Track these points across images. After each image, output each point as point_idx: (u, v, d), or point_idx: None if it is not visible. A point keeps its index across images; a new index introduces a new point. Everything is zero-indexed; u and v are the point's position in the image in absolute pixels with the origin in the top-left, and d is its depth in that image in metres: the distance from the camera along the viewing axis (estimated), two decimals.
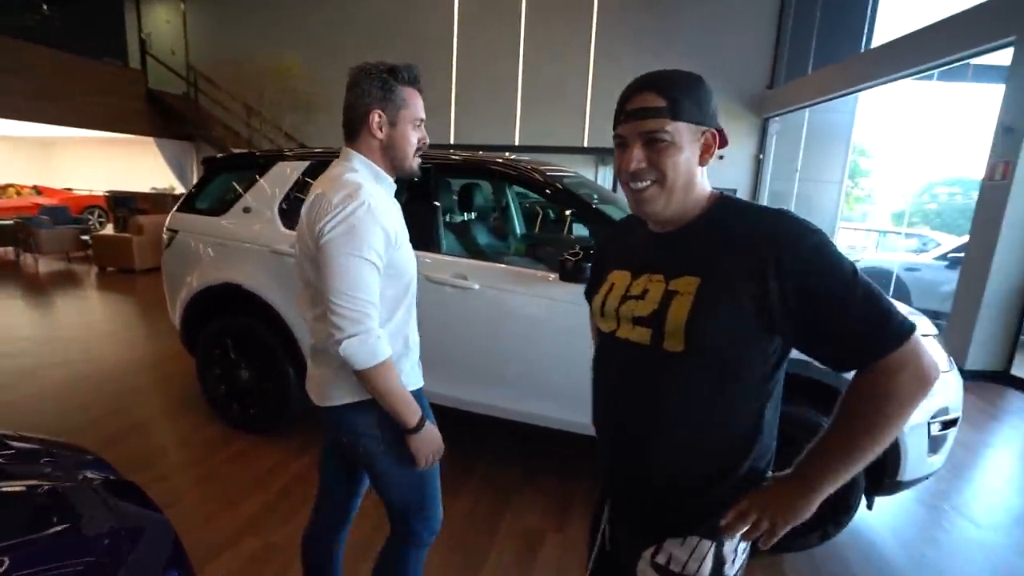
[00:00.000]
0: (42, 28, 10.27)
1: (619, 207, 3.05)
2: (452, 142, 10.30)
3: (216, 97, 10.33)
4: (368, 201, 1.08)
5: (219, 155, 3.23)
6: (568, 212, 3.81)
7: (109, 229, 8.91)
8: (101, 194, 11.44)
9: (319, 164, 2.71)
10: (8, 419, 2.79)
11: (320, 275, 1.09)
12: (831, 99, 6.84)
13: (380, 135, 1.16)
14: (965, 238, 5.22)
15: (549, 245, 3.37)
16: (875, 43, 6.62)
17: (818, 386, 1.83)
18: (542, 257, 2.93)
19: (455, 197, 3.06)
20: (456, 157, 2.51)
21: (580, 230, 3.85)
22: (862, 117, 8.78)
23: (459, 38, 9.95)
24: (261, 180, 2.73)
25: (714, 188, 0.84)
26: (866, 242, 11.32)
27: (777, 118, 8.28)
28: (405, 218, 1.23)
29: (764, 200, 8.57)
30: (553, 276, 2.14)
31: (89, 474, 1.27)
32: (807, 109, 7.69)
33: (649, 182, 0.79)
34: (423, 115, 1.20)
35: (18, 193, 10.73)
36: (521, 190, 3.71)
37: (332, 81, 10.62)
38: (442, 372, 2.36)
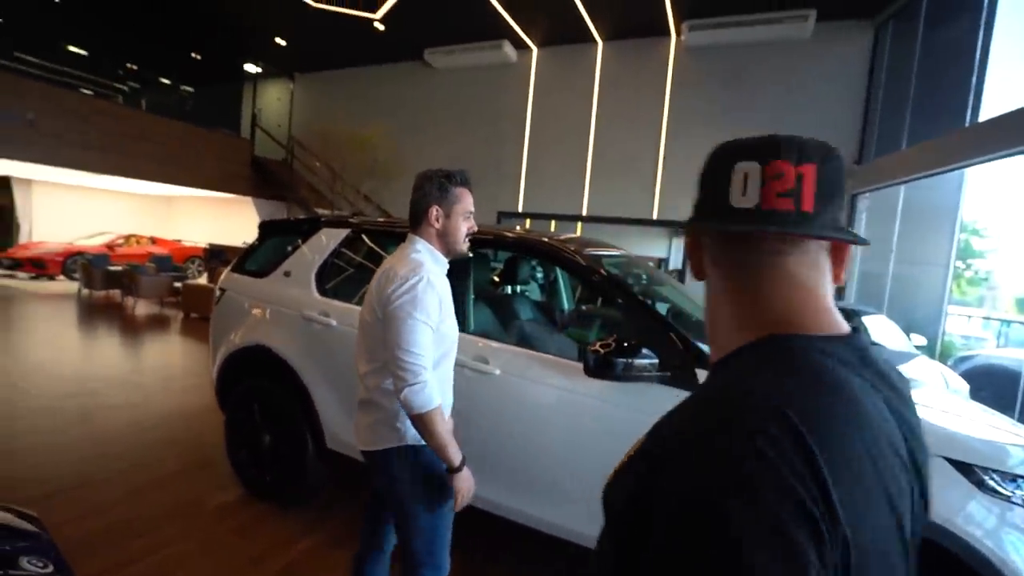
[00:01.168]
0: (177, 105, 12.03)
1: (673, 296, 2.78)
2: (520, 211, 10.49)
3: (308, 163, 11.37)
4: (428, 276, 1.36)
5: (273, 219, 3.37)
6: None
7: (204, 279, 9.74)
8: (201, 246, 12.69)
9: (356, 234, 2.72)
10: (48, 463, 2.87)
11: (386, 334, 1.34)
12: (930, 175, 6.21)
13: (437, 225, 1.45)
14: None
15: (595, 326, 3.11)
16: (982, 117, 6.00)
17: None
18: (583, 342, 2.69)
19: (495, 271, 2.95)
20: (485, 232, 2.40)
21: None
22: (972, 194, 7.89)
23: (533, 111, 10.35)
24: (303, 246, 2.77)
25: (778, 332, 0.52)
26: (984, 332, 9.86)
27: (867, 195, 7.64)
28: None
29: (854, 284, 7.79)
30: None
31: (24, 566, 1.17)
32: (902, 186, 7.04)
33: None
34: (472, 208, 1.50)
35: (138, 242, 12.17)
36: None
37: (410, 151, 11.38)
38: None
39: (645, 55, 9.33)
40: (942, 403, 2.08)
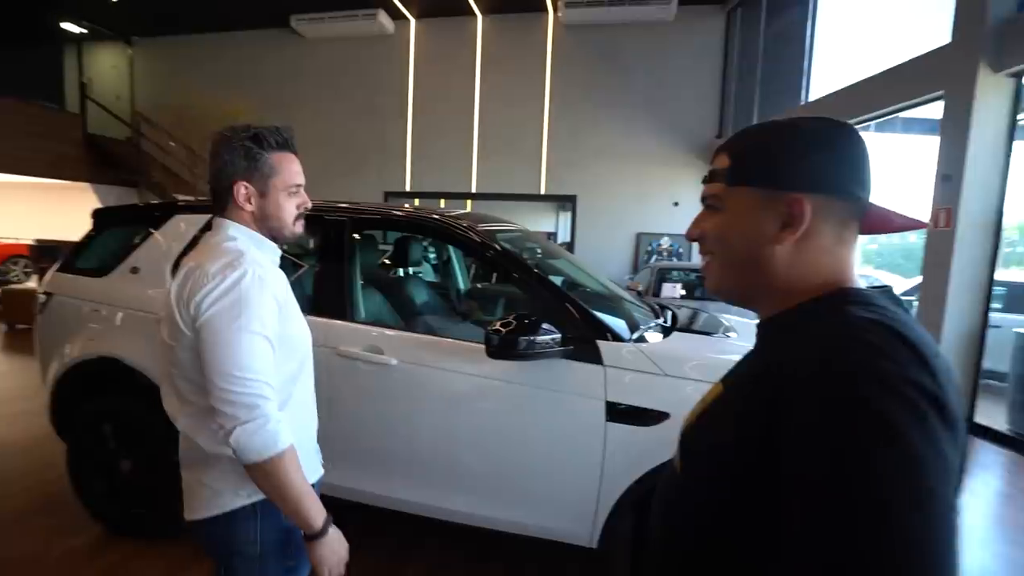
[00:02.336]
0: None
1: (568, 268, 2.82)
2: (408, 189, 10.13)
3: (160, 142, 9.93)
4: (254, 269, 1.00)
5: (110, 207, 2.86)
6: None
7: (33, 282, 8.18)
8: (26, 243, 10.62)
9: None
10: None
11: (202, 358, 0.96)
12: None
13: (250, 207, 1.08)
14: (916, 279, 5.24)
15: (493, 306, 3.08)
16: (812, 97, 6.86)
17: None
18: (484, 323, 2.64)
19: (385, 253, 2.77)
20: (372, 212, 2.23)
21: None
22: None
23: (415, 86, 9.95)
24: (154, 235, 2.37)
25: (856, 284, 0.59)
26: None
27: None
28: (314, 279, 1.21)
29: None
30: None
31: None
32: None
33: (708, 256, 0.66)
34: (300, 180, 1.13)
35: None
36: None
37: None
38: (355, 463, 1.99)
39: (525, 30, 9.35)
40: None
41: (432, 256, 4.23)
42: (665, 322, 2.16)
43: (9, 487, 2.70)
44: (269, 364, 0.98)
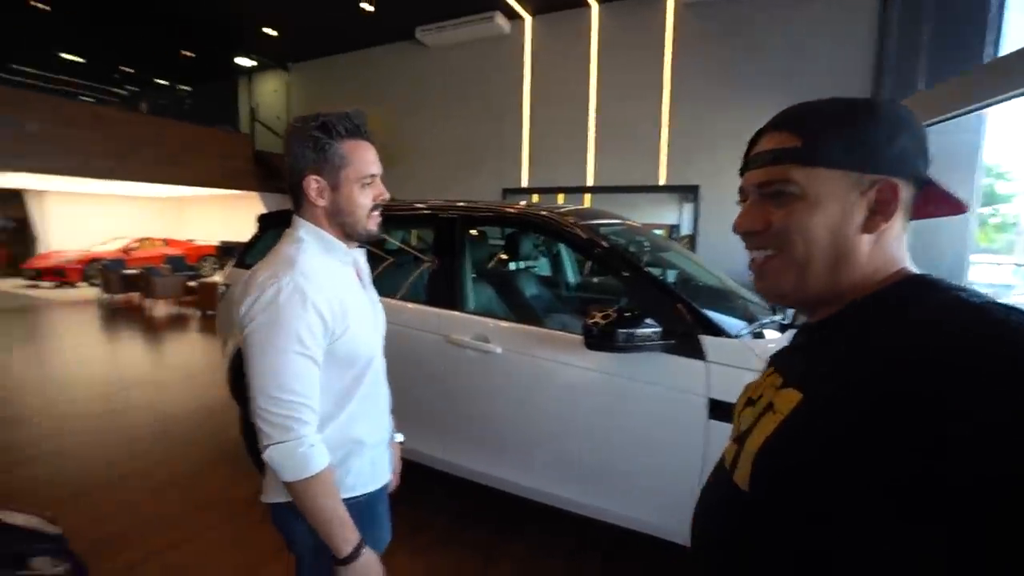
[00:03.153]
0: (175, 105, 12.02)
1: (680, 262, 2.71)
2: (525, 186, 10.36)
3: None
4: (297, 281, 0.93)
5: (271, 212, 3.35)
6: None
7: (218, 276, 9.87)
8: (214, 244, 12.83)
9: None
10: (75, 464, 2.95)
11: (246, 369, 0.93)
12: (948, 118, 5.92)
13: (323, 201, 1.01)
14: None
15: (600, 299, 3.06)
16: (1004, 50, 5.66)
17: None
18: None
19: (499, 247, 2.90)
20: (482, 209, 2.34)
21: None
22: (994, 136, 7.53)
23: (531, 83, 10.12)
24: None
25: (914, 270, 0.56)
26: (1014, 279, 9.52)
27: None
28: (429, 273, 1.05)
29: None
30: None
31: (35, 565, 1.20)
32: None
33: (769, 252, 0.57)
34: (374, 170, 1.03)
35: (152, 245, 12.35)
36: None
37: (408, 132, 11.29)
38: (464, 442, 2.14)
39: (643, 15, 9.00)
40: None
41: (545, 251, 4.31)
42: (784, 319, 1.99)
43: (199, 443, 3.32)
44: (308, 383, 0.93)
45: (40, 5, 9.99)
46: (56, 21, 10.70)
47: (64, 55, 10.96)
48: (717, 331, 1.68)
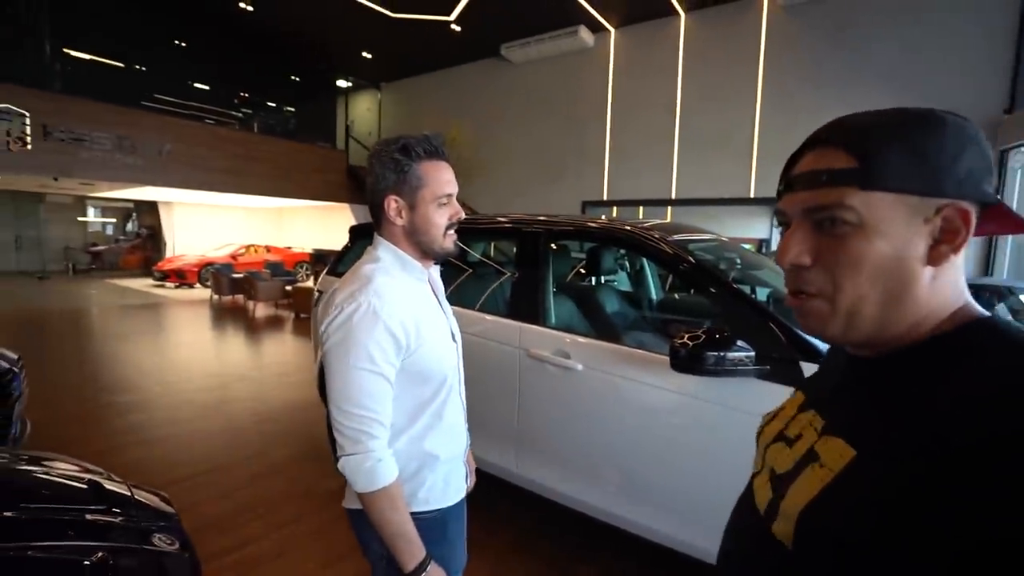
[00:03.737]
0: (281, 125, 13.23)
1: (774, 281, 2.53)
2: (605, 198, 10.23)
3: None
4: (371, 301, 0.96)
5: (361, 223, 3.55)
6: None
7: (311, 282, 10.63)
8: (308, 252, 13.85)
9: None
10: (183, 450, 3.27)
11: (326, 381, 0.99)
12: None
13: (401, 221, 1.05)
14: None
15: (684, 318, 2.92)
16: None
17: None
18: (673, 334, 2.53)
19: (579, 260, 2.86)
20: (565, 223, 2.32)
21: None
22: None
23: (614, 94, 10.01)
24: None
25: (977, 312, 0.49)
26: None
27: (1022, 148, 6.46)
28: (511, 285, 1.06)
29: (1007, 254, 6.64)
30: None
31: (155, 542, 1.32)
32: None
33: (812, 291, 0.51)
34: (450, 189, 1.06)
35: (255, 251, 13.57)
36: None
37: (491, 146, 11.55)
38: (539, 458, 2.11)
39: (733, 20, 8.63)
40: None
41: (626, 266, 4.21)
42: None
43: (289, 437, 3.56)
44: (379, 399, 0.97)
45: (179, 42, 11.46)
46: (190, 55, 12.23)
47: (196, 84, 12.44)
48: (817, 356, 1.53)
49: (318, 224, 15.65)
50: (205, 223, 15.08)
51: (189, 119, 10.66)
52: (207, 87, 12.65)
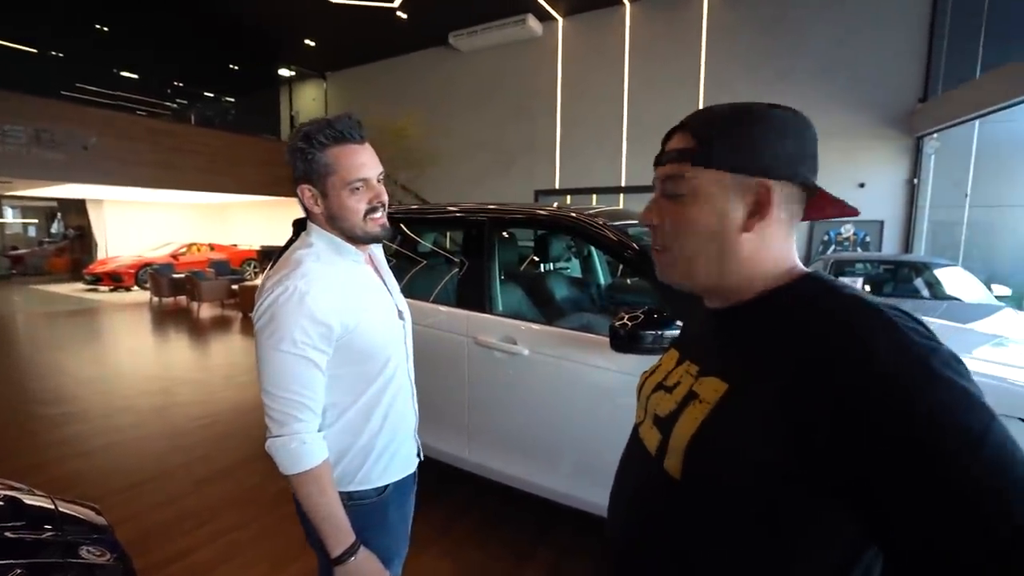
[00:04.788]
0: (220, 116, 12.58)
1: None
2: (558, 187, 10.32)
3: None
4: (297, 285, 0.95)
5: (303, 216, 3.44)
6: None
7: (259, 280, 10.24)
8: (255, 249, 13.33)
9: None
10: (125, 458, 3.11)
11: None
12: (1010, 106, 5.56)
13: (318, 209, 1.04)
14: None
15: (631, 301, 3.00)
16: None
17: None
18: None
19: (526, 249, 2.89)
20: (510, 211, 2.34)
21: None
22: None
23: (563, 84, 10.08)
24: None
25: (804, 268, 0.60)
26: None
27: (934, 135, 6.96)
28: (458, 275, 1.08)
29: (923, 233, 7.16)
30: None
31: (84, 555, 1.26)
32: (976, 121, 6.36)
33: (660, 246, 0.63)
34: (362, 174, 1.01)
35: (198, 250, 12.93)
36: None
37: (441, 136, 11.40)
38: (491, 445, 2.14)
39: (677, 10, 8.84)
40: None
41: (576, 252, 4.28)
42: None
43: (237, 439, 3.45)
44: (304, 381, 0.96)
45: (102, 27, 10.66)
46: (115, 42, 11.40)
47: (122, 73, 11.64)
48: None
49: (265, 220, 15.05)
50: (141, 221, 14.20)
51: (117, 110, 9.96)
52: (136, 76, 11.86)
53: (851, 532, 0.48)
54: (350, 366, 1.03)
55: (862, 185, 7.56)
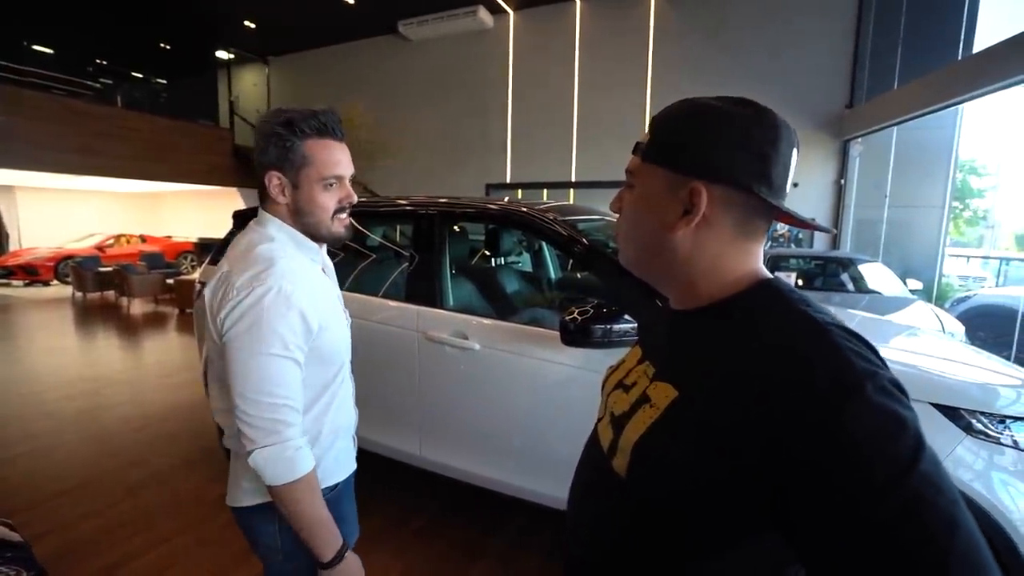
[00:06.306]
0: (150, 98, 11.74)
1: None
2: (509, 181, 10.34)
3: None
4: (282, 285, 0.91)
5: (246, 208, 3.29)
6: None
7: (197, 274, 9.69)
8: (192, 241, 12.59)
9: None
10: (48, 467, 2.88)
11: (227, 375, 0.91)
12: (924, 114, 6.06)
13: (284, 200, 0.99)
14: None
15: (581, 296, 3.07)
16: (977, 48, 5.80)
17: None
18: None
19: (477, 243, 2.89)
20: (460, 205, 2.33)
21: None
22: (968, 132, 7.74)
23: (514, 78, 10.08)
24: None
25: (766, 276, 0.59)
26: (983, 272, 9.80)
27: (859, 139, 7.48)
28: (408, 270, 1.05)
29: (848, 230, 7.70)
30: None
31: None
32: (895, 128, 6.89)
33: (616, 231, 0.67)
34: (340, 171, 1.00)
35: (128, 242, 12.07)
36: None
37: (392, 129, 11.12)
38: (442, 440, 2.14)
39: (625, 10, 9.03)
40: (933, 348, 2.05)
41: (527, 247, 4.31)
42: None
43: (178, 441, 3.27)
44: (293, 385, 0.93)
45: None
46: (24, 10, 10.36)
47: (34, 46, 10.62)
48: None
49: (203, 211, 14.23)
50: (60, 211, 13.09)
51: (29, 88, 9.08)
52: (51, 51, 10.87)
53: (781, 549, 0.48)
54: (313, 367, 1.00)
55: (796, 185, 8.02)
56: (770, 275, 0.58)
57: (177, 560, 2.14)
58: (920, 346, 2.12)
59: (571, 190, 9.95)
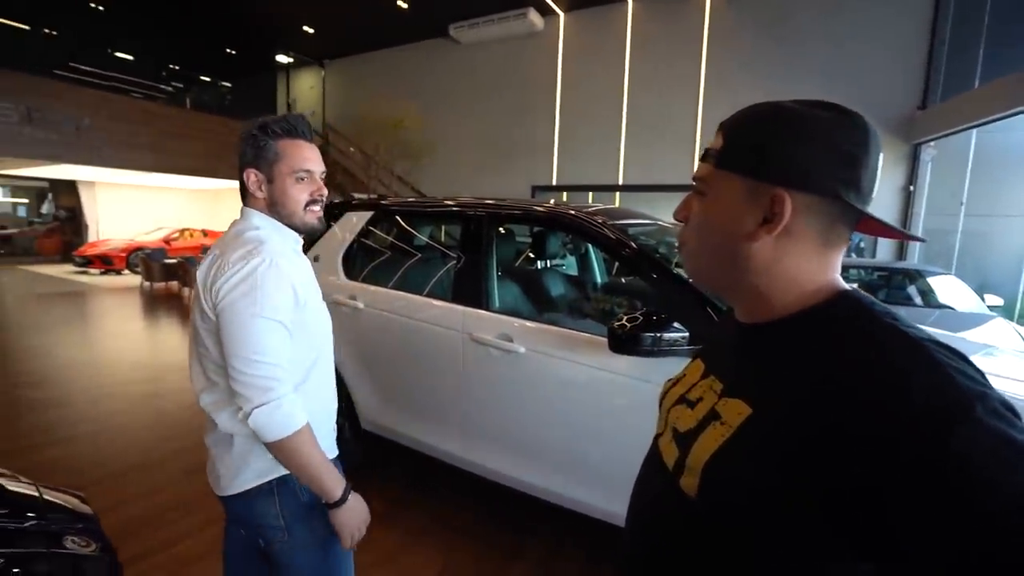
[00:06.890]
0: (216, 101, 12.43)
1: None
2: (555, 183, 10.29)
3: (343, 148, 11.55)
4: (272, 258, 1.00)
5: None
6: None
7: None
8: None
9: (382, 216, 2.70)
10: (112, 446, 3.07)
11: (222, 342, 1.00)
12: (1007, 116, 5.59)
13: (261, 194, 1.10)
14: None
15: (627, 299, 2.99)
16: None
17: None
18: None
19: (523, 245, 2.87)
20: (508, 207, 2.31)
21: None
22: None
23: (563, 79, 10.04)
24: (331, 230, 2.78)
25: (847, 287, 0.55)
26: None
27: (931, 143, 6.99)
28: (454, 270, 1.23)
29: (917, 245, 7.20)
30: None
31: (68, 544, 1.23)
32: (974, 130, 6.39)
33: (680, 241, 0.63)
34: (308, 166, 1.10)
35: (191, 235, 12.80)
36: None
37: (439, 129, 11.32)
38: (483, 441, 2.13)
39: (679, 9, 8.81)
40: (1015, 370, 1.87)
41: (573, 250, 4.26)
42: None
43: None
44: (283, 348, 1.00)
45: (97, 6, 10.46)
46: (111, 21, 11.20)
47: (117, 54, 11.46)
48: None
49: None
50: (133, 205, 14.03)
51: (111, 91, 9.82)
52: (131, 57, 11.69)
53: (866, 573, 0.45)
54: (299, 343, 1.06)
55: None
56: (849, 287, 0.54)
57: (212, 545, 2.22)
58: (1000, 367, 1.94)
59: (617, 193, 9.80)
